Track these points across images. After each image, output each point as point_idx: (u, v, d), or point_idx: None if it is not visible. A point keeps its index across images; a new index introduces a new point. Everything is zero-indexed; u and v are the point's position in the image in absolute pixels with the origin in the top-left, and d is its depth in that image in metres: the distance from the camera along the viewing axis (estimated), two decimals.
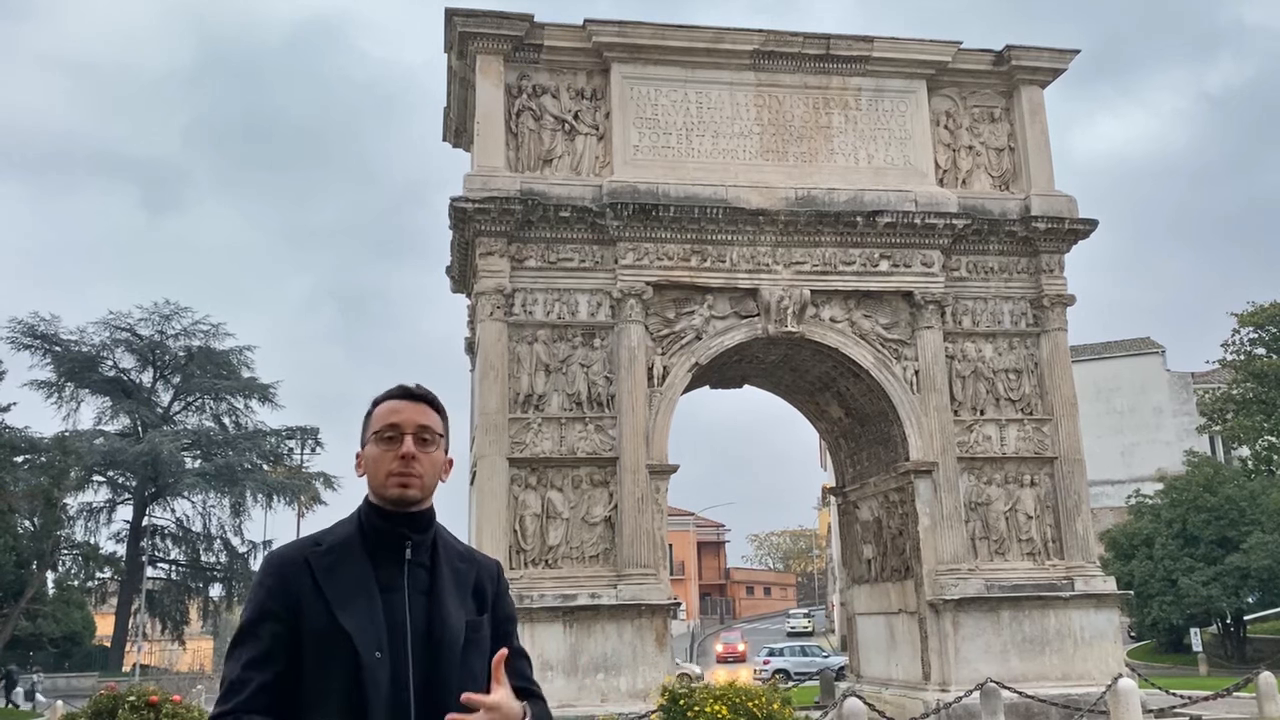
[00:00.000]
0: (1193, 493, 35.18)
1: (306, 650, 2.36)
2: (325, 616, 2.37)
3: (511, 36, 19.01)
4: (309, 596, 2.39)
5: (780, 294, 18.87)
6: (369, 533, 2.52)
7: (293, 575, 2.42)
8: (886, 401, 19.32)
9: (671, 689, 13.19)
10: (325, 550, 2.48)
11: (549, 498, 17.74)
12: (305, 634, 2.37)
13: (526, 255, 18.50)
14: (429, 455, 2.56)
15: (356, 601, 2.41)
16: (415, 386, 2.65)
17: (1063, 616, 18.41)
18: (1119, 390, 51.14)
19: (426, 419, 2.59)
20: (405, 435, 2.54)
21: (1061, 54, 21.01)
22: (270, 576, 2.44)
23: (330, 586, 2.40)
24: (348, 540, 2.50)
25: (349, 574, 2.44)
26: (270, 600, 2.41)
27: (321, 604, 2.38)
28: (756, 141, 19.75)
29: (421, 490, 2.54)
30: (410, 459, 2.52)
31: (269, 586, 2.42)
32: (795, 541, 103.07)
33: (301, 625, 2.37)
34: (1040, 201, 20.10)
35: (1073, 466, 19.30)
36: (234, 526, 53.08)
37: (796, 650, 41.29)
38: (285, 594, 2.40)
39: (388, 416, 2.57)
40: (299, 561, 2.45)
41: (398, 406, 2.59)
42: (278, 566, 2.46)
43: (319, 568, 2.43)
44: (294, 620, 2.38)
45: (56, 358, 50.23)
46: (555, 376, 18.20)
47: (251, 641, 2.39)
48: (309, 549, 2.49)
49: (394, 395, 2.63)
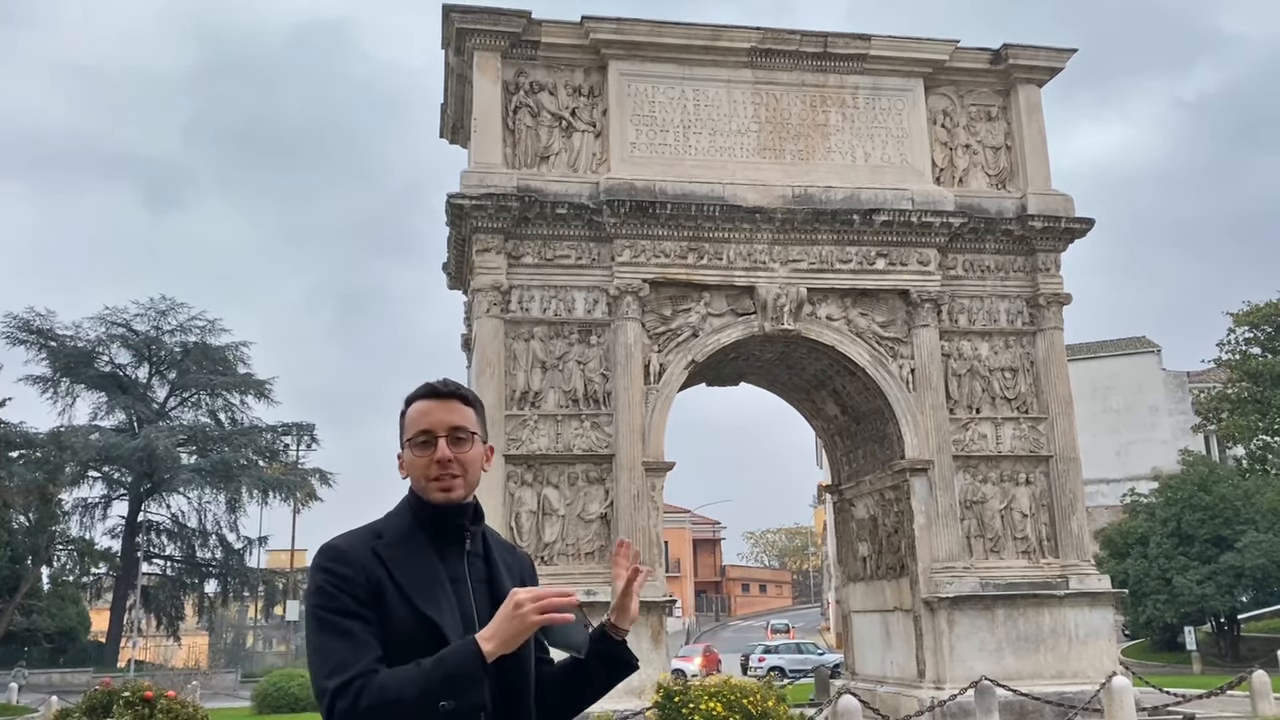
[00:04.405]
0: (1188, 491, 35.22)
1: (392, 639, 2.32)
2: (407, 608, 2.35)
3: (509, 33, 19.00)
4: (388, 587, 2.36)
5: (777, 292, 18.89)
6: (428, 525, 2.50)
7: (367, 566, 2.38)
8: (882, 399, 19.35)
9: (667, 686, 13.22)
10: (389, 543, 2.44)
11: (545, 494, 17.75)
12: (390, 625, 2.34)
13: (523, 252, 18.50)
14: (466, 453, 2.53)
15: (435, 593, 2.41)
16: (441, 383, 2.61)
17: (1057, 615, 18.44)
18: (1114, 389, 51.17)
19: (458, 417, 2.56)
20: (439, 439, 2.51)
21: (1059, 53, 21.03)
22: (344, 566, 2.38)
23: (406, 578, 2.39)
24: (409, 533, 2.48)
25: (420, 566, 2.43)
26: (352, 588, 2.34)
27: (400, 596, 2.36)
28: (754, 139, 19.75)
29: (465, 488, 2.53)
30: (447, 463, 2.50)
31: (346, 576, 2.36)
32: (791, 539, 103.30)
33: (385, 615, 2.34)
34: (1037, 200, 20.12)
35: (1068, 465, 19.33)
36: (230, 522, 53.18)
37: (791, 648, 41.34)
38: (365, 583, 2.35)
39: (419, 421, 2.54)
40: (367, 553, 2.41)
41: (426, 408, 2.56)
42: (347, 557, 2.40)
43: (388, 559, 2.40)
44: (377, 610, 2.34)
45: (52, 353, 50.17)
46: (552, 373, 18.20)
47: (350, 616, 2.32)
48: (371, 540, 2.45)
49: (422, 395, 2.59)
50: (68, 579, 49.65)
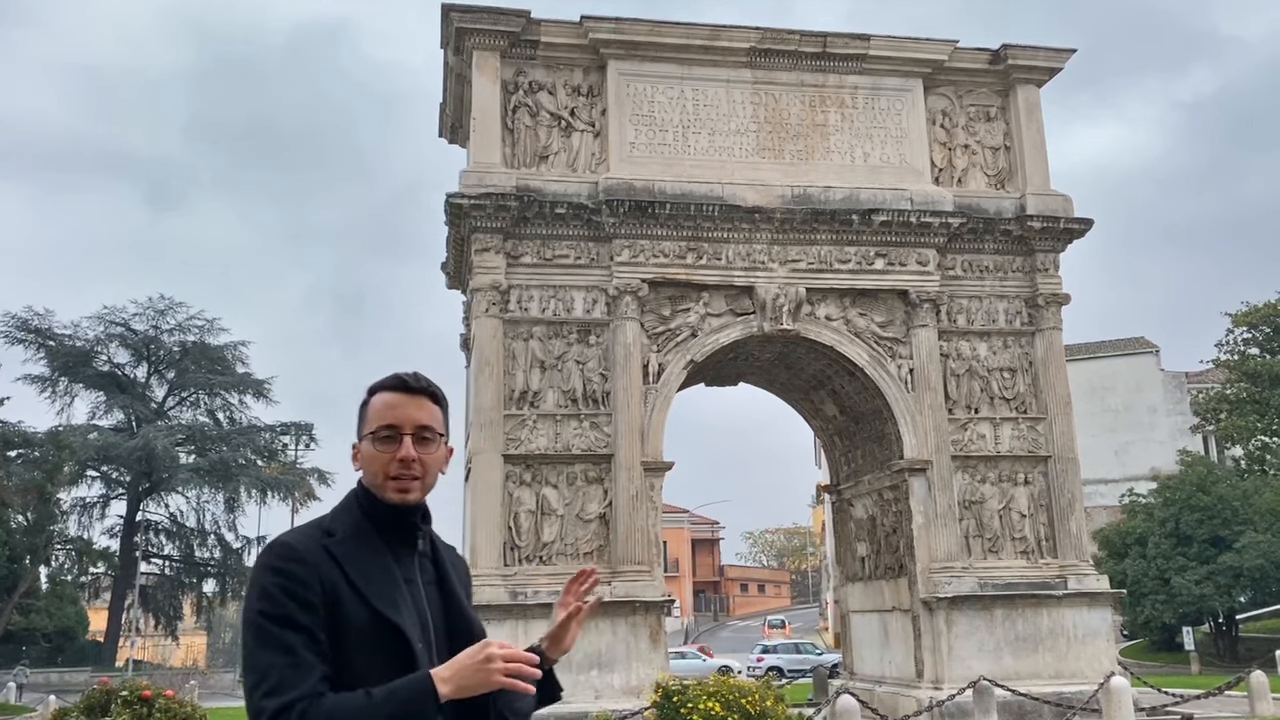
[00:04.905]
0: (1186, 492, 35.23)
1: (349, 644, 2.22)
2: (366, 610, 2.24)
3: (508, 33, 18.99)
4: (344, 589, 2.24)
5: (776, 292, 18.89)
6: (380, 524, 2.39)
7: (321, 566, 2.25)
8: (881, 400, 19.35)
9: (665, 686, 13.21)
10: (341, 541, 2.32)
11: (544, 494, 17.74)
12: (346, 627, 2.22)
13: (522, 252, 18.49)
14: (430, 455, 2.42)
15: (393, 594, 2.31)
16: (413, 377, 2.48)
17: (1056, 615, 18.45)
18: (1113, 389, 51.18)
19: (426, 415, 2.44)
20: (404, 436, 2.39)
21: (1058, 53, 21.04)
22: (298, 565, 2.24)
23: (362, 579, 2.27)
24: (361, 531, 2.36)
25: (376, 566, 2.32)
26: (303, 589, 2.21)
27: (358, 597, 2.25)
28: (753, 139, 19.75)
29: (422, 491, 2.43)
30: (410, 462, 2.39)
31: (299, 577, 2.22)
32: (790, 539, 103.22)
33: (341, 618, 2.23)
34: (1036, 200, 20.12)
35: (1066, 465, 19.34)
36: (228, 522, 53.15)
37: (790, 647, 41.35)
38: (320, 586, 2.23)
39: (385, 415, 2.41)
40: (320, 551, 2.28)
41: (394, 402, 2.43)
42: (302, 556, 2.27)
43: (343, 558, 2.28)
44: (331, 611, 2.23)
45: (50, 352, 50.12)
46: (550, 373, 18.20)
47: (295, 628, 2.18)
48: (322, 538, 2.33)
49: (390, 386, 2.46)
50: (66, 578, 49.65)
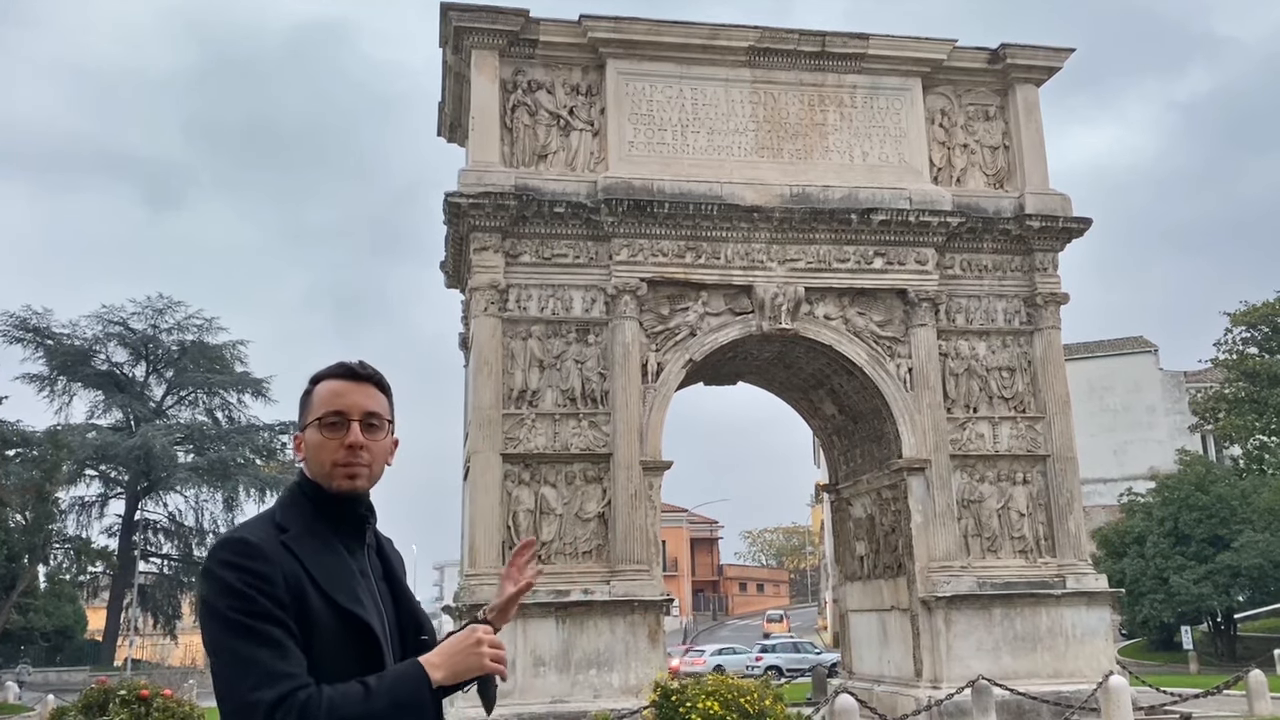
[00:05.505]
0: (1184, 491, 35.26)
1: (316, 640, 2.19)
2: (328, 605, 2.23)
3: (507, 31, 18.98)
4: (307, 584, 2.22)
5: (775, 291, 18.88)
6: (330, 516, 2.36)
7: (284, 562, 2.22)
8: (880, 399, 19.35)
9: (664, 685, 13.21)
10: (296, 535, 2.28)
11: (542, 493, 17.73)
12: (313, 623, 2.20)
13: (521, 251, 18.48)
14: (376, 442, 2.40)
15: (354, 588, 2.30)
16: (358, 365, 2.47)
17: (1054, 614, 18.46)
18: (1112, 389, 51.21)
19: (373, 403, 2.42)
20: (351, 423, 2.37)
21: (1057, 52, 21.03)
22: (260, 563, 2.20)
23: (322, 574, 2.25)
24: (312, 524, 2.33)
25: (333, 560, 2.30)
26: (272, 589, 2.18)
27: (319, 592, 2.23)
28: (751, 138, 19.74)
29: (370, 479, 2.40)
30: (358, 449, 2.36)
31: (263, 574, 2.18)
32: (788, 538, 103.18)
33: (307, 612, 2.20)
34: (1035, 200, 20.12)
35: (1065, 464, 19.34)
36: (227, 521, 53.03)
37: (788, 646, 41.36)
38: (285, 582, 2.20)
39: (331, 401, 2.39)
40: (279, 547, 2.24)
41: (340, 389, 2.41)
42: (263, 552, 2.22)
43: (301, 553, 2.25)
44: (298, 606, 2.20)
45: (49, 351, 50.14)
46: (549, 372, 18.19)
47: (274, 622, 2.15)
48: (277, 533, 2.28)
49: (336, 374, 2.45)
50: (64, 577, 49.65)
